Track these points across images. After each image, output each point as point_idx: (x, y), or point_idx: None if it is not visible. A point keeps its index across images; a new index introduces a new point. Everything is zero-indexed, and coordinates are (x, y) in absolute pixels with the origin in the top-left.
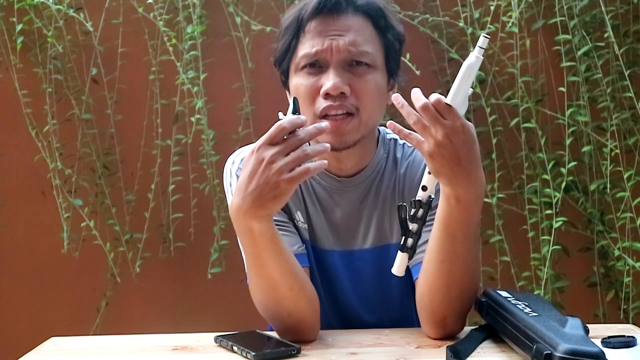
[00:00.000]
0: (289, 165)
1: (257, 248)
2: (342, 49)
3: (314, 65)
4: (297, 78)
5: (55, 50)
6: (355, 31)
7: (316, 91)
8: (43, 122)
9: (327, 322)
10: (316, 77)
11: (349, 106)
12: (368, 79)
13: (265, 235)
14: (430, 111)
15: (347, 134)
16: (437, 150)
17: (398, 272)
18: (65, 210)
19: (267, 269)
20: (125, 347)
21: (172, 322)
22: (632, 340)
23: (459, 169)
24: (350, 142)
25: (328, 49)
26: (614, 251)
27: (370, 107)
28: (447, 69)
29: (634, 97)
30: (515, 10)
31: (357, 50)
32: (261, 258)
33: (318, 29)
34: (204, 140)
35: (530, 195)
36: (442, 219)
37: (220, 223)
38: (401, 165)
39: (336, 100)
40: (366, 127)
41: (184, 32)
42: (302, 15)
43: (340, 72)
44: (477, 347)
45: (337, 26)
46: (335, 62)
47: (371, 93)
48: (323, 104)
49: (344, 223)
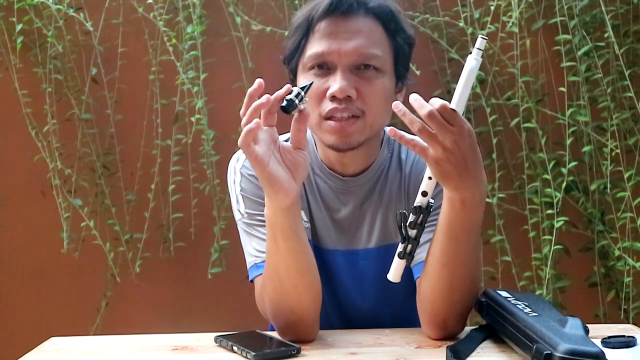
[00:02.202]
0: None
1: (270, 236)
2: (351, 52)
3: (322, 67)
4: (304, 79)
5: (55, 50)
6: (364, 34)
7: (323, 93)
8: (43, 122)
9: (329, 322)
10: (323, 78)
11: (355, 109)
12: (375, 83)
13: (276, 227)
14: (436, 118)
15: (352, 135)
16: (444, 157)
17: (394, 279)
18: (65, 210)
19: (275, 260)
20: (125, 347)
21: (172, 322)
22: (632, 340)
23: (466, 173)
24: (355, 144)
25: (336, 51)
26: (615, 251)
27: (376, 111)
28: (447, 69)
29: (634, 97)
30: (515, 10)
31: (366, 54)
32: (271, 248)
33: (327, 30)
34: (204, 140)
35: (530, 195)
36: (446, 224)
37: (221, 223)
38: (406, 165)
39: (342, 103)
40: (371, 130)
41: (184, 32)
42: (313, 15)
43: (347, 75)
44: (477, 347)
45: (346, 28)
46: (342, 65)
47: (378, 97)
48: (329, 105)
49: (348, 222)
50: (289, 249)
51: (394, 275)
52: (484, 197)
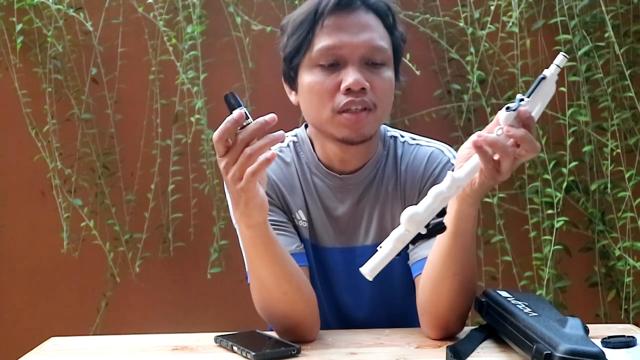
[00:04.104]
0: (236, 174)
1: (251, 252)
2: (362, 44)
3: (332, 64)
4: (312, 75)
5: (55, 50)
6: (372, 27)
7: (335, 87)
8: (43, 122)
9: (325, 322)
10: (334, 73)
11: (368, 102)
12: (384, 76)
13: (257, 241)
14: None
15: (365, 127)
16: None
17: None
18: (65, 210)
19: (261, 272)
20: (125, 347)
21: (172, 322)
22: (632, 340)
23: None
24: (367, 136)
25: (348, 44)
26: (615, 251)
27: (385, 104)
28: (447, 69)
29: (635, 97)
30: (515, 10)
31: (376, 46)
32: (255, 262)
33: (336, 24)
34: (203, 140)
35: (531, 195)
36: (461, 236)
37: (220, 223)
38: (402, 163)
39: (357, 96)
40: (380, 123)
41: (184, 32)
42: (322, 10)
43: (359, 68)
44: (477, 347)
45: (354, 22)
46: (354, 58)
47: (387, 90)
48: (344, 99)
49: (345, 220)
50: (274, 257)
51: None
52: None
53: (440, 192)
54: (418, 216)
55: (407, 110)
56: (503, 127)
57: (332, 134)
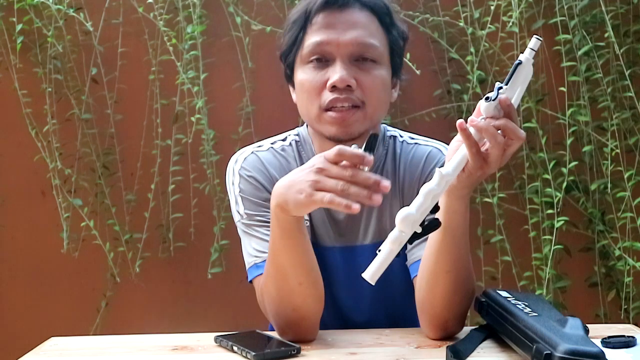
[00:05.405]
0: (318, 185)
1: (276, 234)
2: (349, 42)
3: (320, 60)
4: (303, 72)
5: (55, 50)
6: (362, 25)
7: (322, 84)
8: (43, 122)
9: (324, 321)
10: (322, 70)
11: (355, 99)
12: (374, 73)
13: (285, 225)
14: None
15: (352, 125)
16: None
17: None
18: (65, 210)
19: (281, 258)
20: (125, 347)
21: (172, 322)
22: (632, 340)
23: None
24: (355, 134)
25: (334, 41)
26: (615, 251)
27: (375, 102)
28: (447, 69)
29: (635, 97)
30: (515, 10)
31: (364, 44)
32: (278, 247)
33: (325, 22)
34: (204, 140)
35: (531, 195)
36: (451, 230)
37: (221, 223)
38: (400, 163)
39: (342, 93)
40: (371, 121)
41: (184, 32)
42: (310, 8)
43: (346, 66)
44: (477, 347)
45: (344, 19)
46: (341, 55)
47: (377, 87)
48: (329, 96)
49: (345, 219)
50: (298, 245)
51: (372, 275)
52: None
53: (430, 189)
54: (411, 216)
55: (407, 110)
56: (485, 118)
57: (321, 132)
